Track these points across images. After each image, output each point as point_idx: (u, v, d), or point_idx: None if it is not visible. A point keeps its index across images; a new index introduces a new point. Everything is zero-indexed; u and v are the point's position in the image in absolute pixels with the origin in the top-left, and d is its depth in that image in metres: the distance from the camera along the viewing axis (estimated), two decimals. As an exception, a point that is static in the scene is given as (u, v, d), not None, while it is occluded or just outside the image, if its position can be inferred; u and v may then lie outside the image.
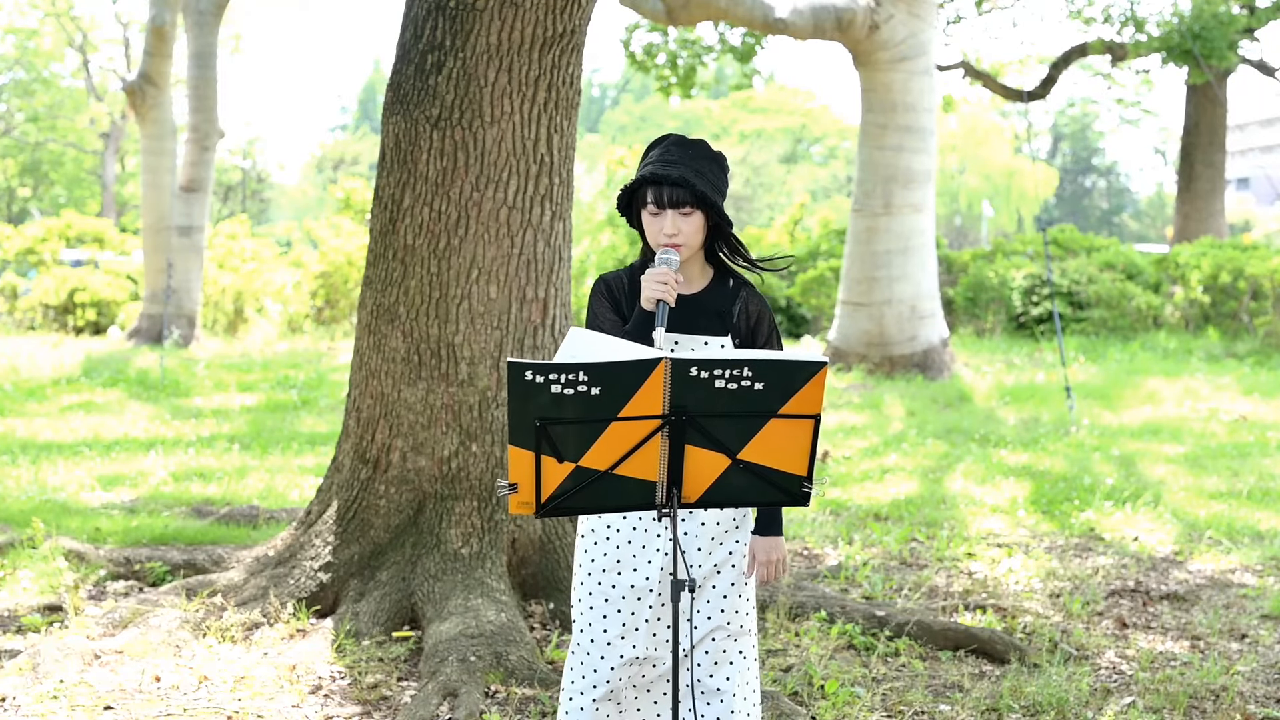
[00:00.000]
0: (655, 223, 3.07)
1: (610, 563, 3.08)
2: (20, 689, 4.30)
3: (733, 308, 3.15)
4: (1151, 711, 4.38)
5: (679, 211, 3.05)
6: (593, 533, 3.13)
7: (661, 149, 3.12)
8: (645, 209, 3.09)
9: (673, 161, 3.06)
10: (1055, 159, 66.30)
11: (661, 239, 3.05)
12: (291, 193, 62.24)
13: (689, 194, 3.04)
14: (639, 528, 3.08)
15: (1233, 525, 7.08)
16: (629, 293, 3.15)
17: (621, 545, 3.08)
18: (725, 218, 3.10)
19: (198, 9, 17.79)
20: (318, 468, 8.37)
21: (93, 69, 40.87)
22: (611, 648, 3.06)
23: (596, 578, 3.10)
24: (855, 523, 7.20)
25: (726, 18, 14.69)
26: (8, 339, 18.14)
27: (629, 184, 3.12)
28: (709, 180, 3.07)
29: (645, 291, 3.00)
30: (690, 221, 3.06)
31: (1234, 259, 17.84)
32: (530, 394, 2.56)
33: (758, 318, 3.16)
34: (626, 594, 3.07)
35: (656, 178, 3.05)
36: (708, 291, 3.16)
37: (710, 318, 3.13)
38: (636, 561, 3.07)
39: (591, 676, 3.07)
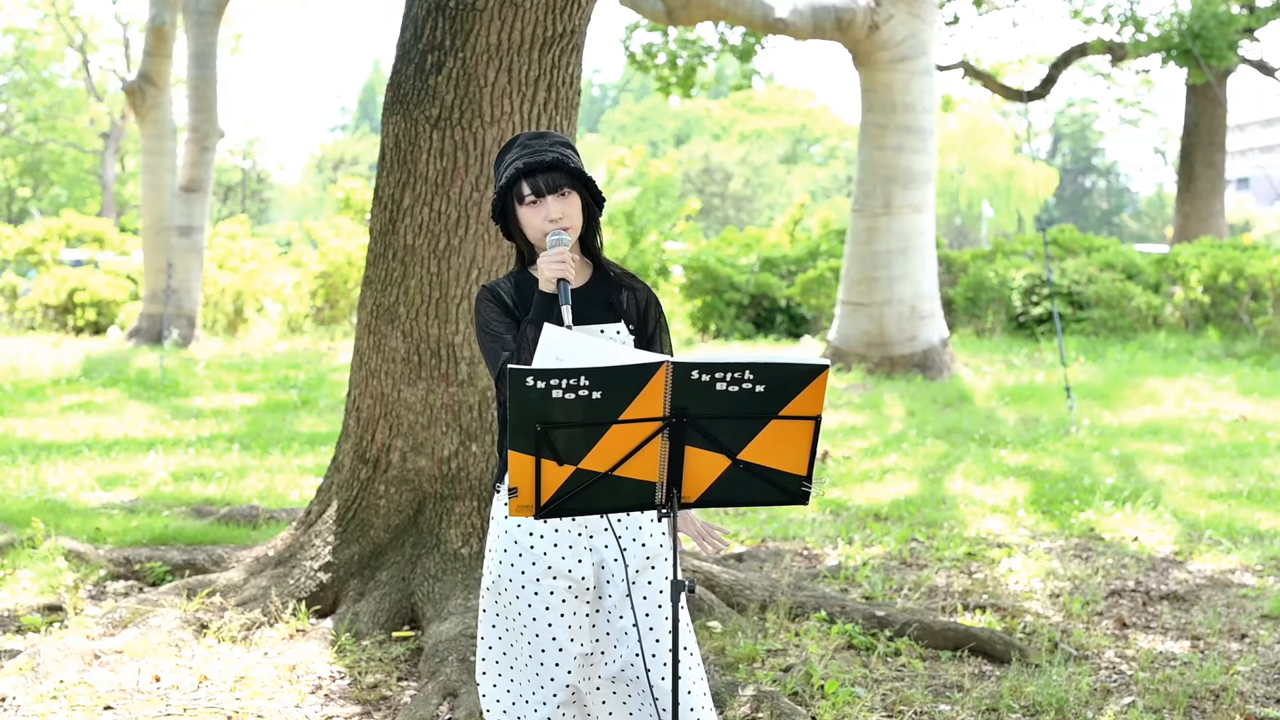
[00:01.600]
0: (537, 212, 3.05)
1: (538, 566, 3.02)
2: (20, 689, 4.30)
3: (620, 295, 3.15)
4: (1151, 711, 4.38)
5: (558, 194, 3.04)
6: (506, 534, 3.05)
7: (520, 144, 3.10)
8: (522, 205, 3.05)
9: (537, 150, 3.06)
10: (1055, 159, 66.31)
11: (547, 226, 3.03)
12: (291, 193, 62.25)
13: (564, 175, 3.04)
14: (560, 528, 3.04)
15: (1233, 525, 7.08)
16: (516, 297, 3.11)
17: (539, 545, 3.03)
18: (598, 197, 3.11)
19: (198, 9, 17.79)
20: (318, 468, 8.38)
21: (93, 69, 40.88)
22: (563, 651, 3.02)
23: (520, 583, 3.03)
24: (855, 523, 7.20)
25: (726, 18, 14.69)
26: (8, 339, 18.14)
27: (500, 185, 3.08)
28: (577, 163, 3.09)
29: (544, 273, 2.97)
30: (571, 203, 3.05)
31: (1234, 259, 17.84)
32: (531, 399, 2.56)
33: (646, 302, 3.17)
34: (565, 595, 3.03)
35: (530, 166, 3.03)
36: (591, 285, 3.15)
37: (601, 307, 3.11)
38: (567, 563, 3.03)
39: (550, 685, 3.02)
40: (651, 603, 3.07)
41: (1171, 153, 55.05)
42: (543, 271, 2.99)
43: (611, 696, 3.11)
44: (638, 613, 3.05)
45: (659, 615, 3.07)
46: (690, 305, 20.50)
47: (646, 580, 3.07)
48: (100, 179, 44.27)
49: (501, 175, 3.09)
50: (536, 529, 3.04)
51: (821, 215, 28.64)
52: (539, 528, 3.04)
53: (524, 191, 3.04)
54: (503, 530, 3.07)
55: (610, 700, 3.11)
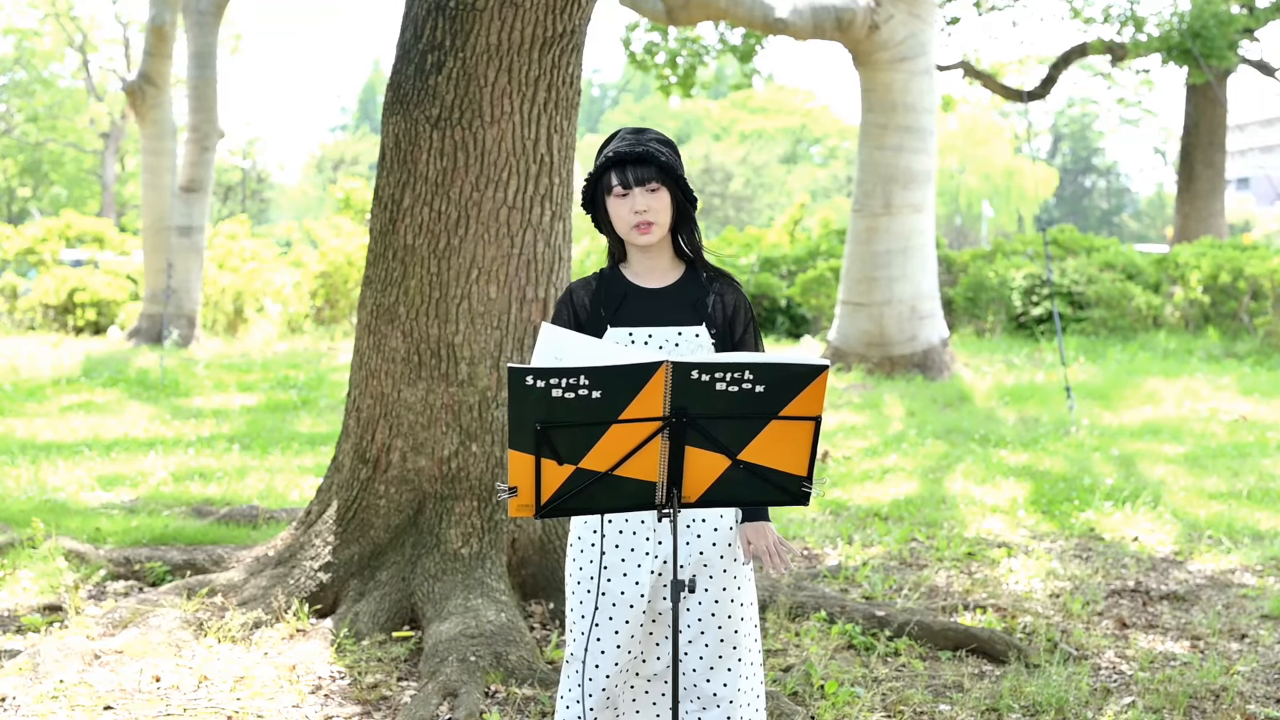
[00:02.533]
0: (624, 204, 3.05)
1: (597, 570, 3.05)
2: (20, 689, 4.30)
3: (707, 298, 3.12)
4: (1151, 711, 4.38)
5: (646, 188, 3.03)
6: (580, 540, 3.10)
7: (618, 138, 3.12)
8: (610, 195, 3.06)
9: (633, 143, 3.07)
10: (1055, 159, 66.31)
11: (633, 219, 3.03)
12: (291, 193, 62.25)
13: (654, 169, 3.03)
14: (626, 531, 3.05)
15: (1233, 525, 7.08)
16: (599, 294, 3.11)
17: (609, 551, 3.05)
18: (690, 194, 3.10)
19: (198, 9, 17.79)
20: (318, 468, 8.37)
21: (93, 69, 40.88)
22: (606, 655, 3.04)
23: (586, 586, 3.07)
24: (855, 523, 7.20)
25: (726, 18, 14.68)
26: (8, 339, 18.14)
27: (591, 173, 3.10)
28: (669, 158, 3.08)
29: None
30: (658, 198, 3.05)
31: (1234, 259, 17.84)
32: (531, 398, 2.56)
33: (734, 307, 3.13)
34: (618, 600, 3.04)
35: (620, 157, 3.04)
36: (680, 284, 3.13)
37: (684, 309, 3.09)
38: (626, 566, 3.04)
39: (588, 685, 3.05)
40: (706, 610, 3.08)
41: (1171, 153, 55.06)
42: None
43: (644, 696, 3.11)
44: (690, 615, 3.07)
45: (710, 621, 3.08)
46: (690, 305, 20.45)
47: (704, 587, 3.08)
48: (100, 179, 44.27)
49: (596, 164, 3.11)
50: (606, 529, 3.06)
51: (821, 215, 28.64)
52: (608, 528, 3.06)
53: (612, 182, 3.05)
54: (576, 536, 3.11)
55: (641, 699, 3.11)
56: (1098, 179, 67.92)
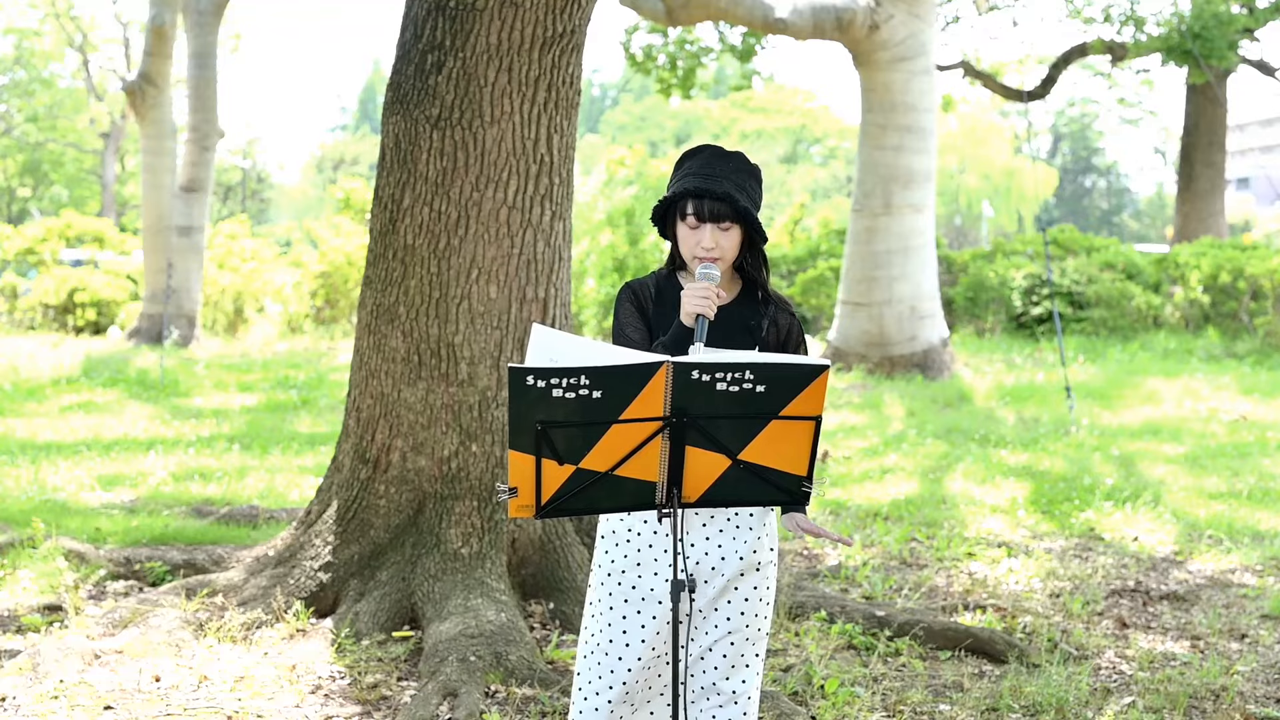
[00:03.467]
0: (693, 236, 3.03)
1: (630, 565, 3.05)
2: (20, 689, 4.30)
3: (762, 320, 3.10)
4: (1151, 711, 4.38)
5: (719, 226, 3.01)
6: (613, 534, 3.09)
7: (702, 160, 3.06)
8: (683, 220, 3.04)
9: (714, 175, 3.02)
10: (1055, 159, 66.30)
11: (699, 252, 3.01)
12: (291, 193, 62.25)
13: (730, 209, 3.00)
14: (660, 530, 3.05)
15: (1233, 525, 7.08)
16: (655, 300, 3.10)
17: (642, 549, 3.05)
18: (762, 233, 3.07)
19: (198, 9, 17.79)
20: (318, 468, 8.37)
21: (93, 69, 40.87)
22: (630, 649, 3.04)
23: (616, 579, 3.06)
24: (855, 523, 7.20)
25: (726, 18, 14.69)
26: (8, 339, 18.14)
27: (668, 194, 3.07)
28: (749, 195, 3.04)
29: (686, 306, 2.95)
30: (729, 236, 3.02)
31: (1234, 259, 17.84)
32: (531, 398, 2.56)
33: (788, 331, 3.12)
34: (647, 595, 3.04)
35: (700, 191, 3.00)
36: (736, 303, 3.12)
37: (739, 331, 3.08)
38: (657, 565, 3.04)
39: (608, 678, 3.05)
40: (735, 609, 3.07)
41: (1171, 153, 55.05)
42: (684, 303, 2.96)
43: (658, 698, 3.12)
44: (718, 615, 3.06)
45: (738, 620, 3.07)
46: (690, 305, 20.47)
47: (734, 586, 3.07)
48: (100, 179, 44.28)
49: (674, 184, 3.07)
50: (635, 525, 3.05)
51: (821, 215, 28.64)
52: (637, 524, 3.05)
53: (687, 211, 3.02)
54: (608, 530, 3.10)
55: (656, 700, 3.12)
56: (1098, 179, 67.92)
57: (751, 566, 3.08)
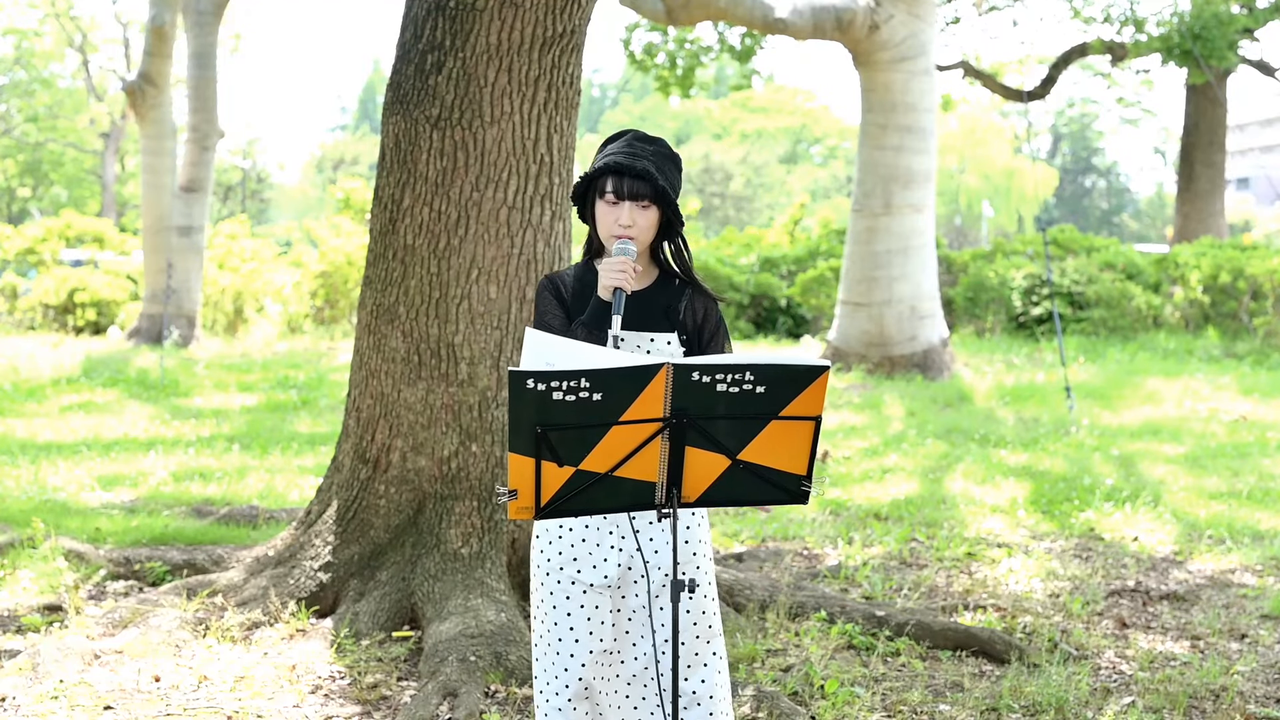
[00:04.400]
0: (611, 213, 3.07)
1: (567, 561, 3.06)
2: (20, 689, 4.30)
3: (679, 304, 3.14)
4: (1151, 711, 4.38)
5: (637, 204, 3.05)
6: (547, 532, 3.10)
7: (624, 141, 3.12)
8: (602, 198, 3.08)
9: (636, 154, 3.07)
10: (1055, 159, 66.30)
11: (617, 230, 3.05)
12: (291, 193, 62.25)
13: (649, 187, 3.04)
14: (591, 525, 3.06)
15: (1233, 525, 7.08)
16: (576, 290, 3.13)
17: (576, 544, 3.06)
18: (679, 217, 3.12)
19: (198, 9, 17.79)
20: (318, 468, 8.37)
21: (93, 69, 40.88)
22: (580, 644, 3.05)
23: (555, 577, 3.07)
24: (855, 523, 7.20)
25: (726, 18, 14.68)
26: (8, 339, 18.14)
27: (589, 172, 3.11)
28: (668, 178, 3.09)
29: (603, 279, 3.00)
30: (646, 215, 3.07)
31: (1234, 259, 17.84)
32: (531, 401, 2.56)
33: (704, 314, 3.16)
34: (588, 590, 3.05)
35: (620, 167, 3.05)
36: (654, 288, 3.16)
37: (657, 315, 3.12)
38: (594, 559, 3.06)
39: (564, 676, 3.06)
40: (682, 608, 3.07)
41: (1171, 153, 55.05)
42: (602, 278, 3.01)
43: (625, 701, 3.11)
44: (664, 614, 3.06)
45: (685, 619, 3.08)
46: (690, 305, 20.47)
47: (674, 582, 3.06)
48: (100, 179, 44.28)
49: (596, 162, 3.11)
50: (569, 523, 3.06)
51: (821, 215, 28.65)
52: (570, 521, 3.06)
53: (606, 188, 3.07)
54: (543, 528, 3.11)
55: (624, 704, 3.12)
56: (1098, 179, 67.92)
57: (692, 565, 3.09)
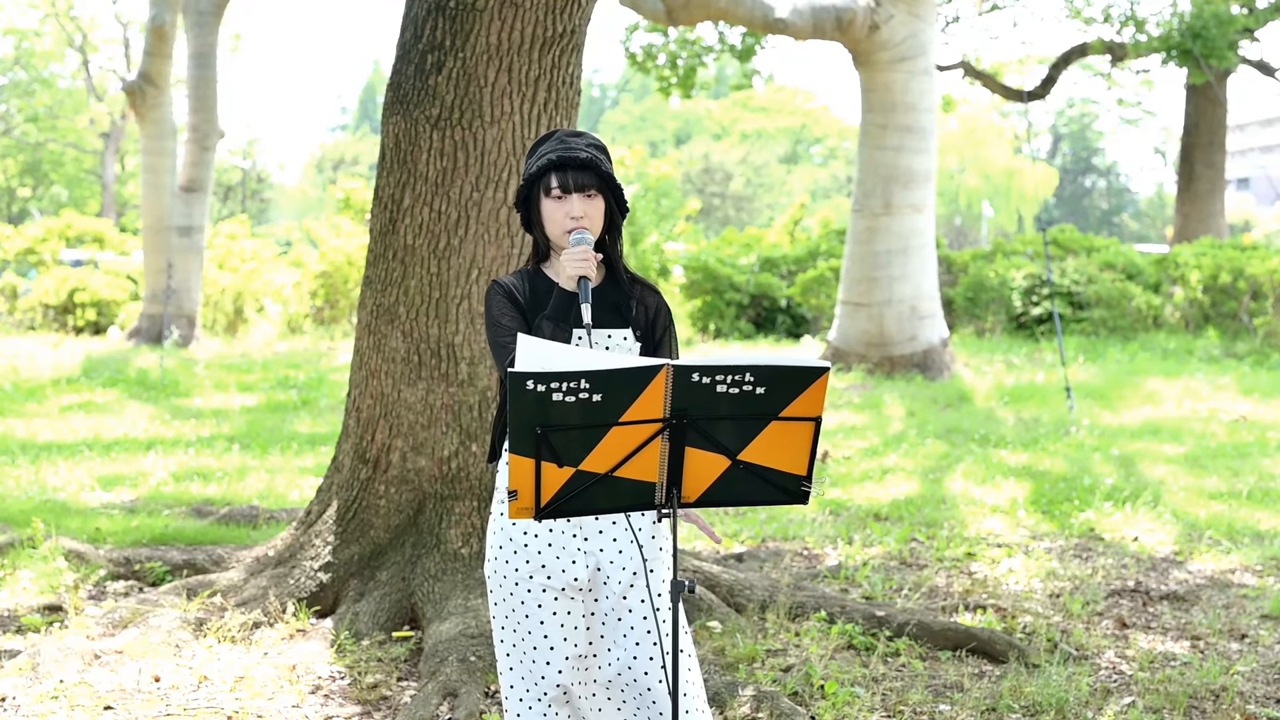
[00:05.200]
0: (560, 208, 3.06)
1: (534, 566, 3.03)
2: (20, 689, 4.30)
3: (630, 301, 3.14)
4: (1151, 711, 4.38)
5: (584, 194, 3.05)
6: (501, 532, 3.06)
7: (556, 139, 3.12)
8: (548, 196, 3.07)
9: (572, 147, 3.07)
10: (1055, 159, 66.30)
11: (568, 223, 3.05)
12: (291, 193, 62.24)
13: (594, 176, 3.05)
14: (555, 528, 3.05)
15: (1233, 525, 7.08)
16: (528, 293, 3.11)
17: (542, 548, 3.04)
18: (623, 203, 3.12)
19: (198, 9, 17.79)
20: (318, 468, 8.37)
21: (93, 69, 40.88)
22: (555, 650, 3.03)
23: (520, 582, 3.04)
24: (855, 523, 7.20)
25: (726, 18, 14.69)
26: (8, 339, 18.14)
27: (529, 173, 3.10)
28: (608, 168, 3.10)
29: (566, 270, 2.99)
30: (595, 205, 3.07)
31: (1234, 259, 17.84)
32: (531, 403, 2.56)
33: (655, 309, 3.16)
34: (559, 595, 3.03)
35: (563, 161, 3.05)
36: (603, 287, 3.15)
37: (609, 312, 3.11)
38: (561, 563, 3.04)
39: (541, 683, 3.03)
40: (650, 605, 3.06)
41: (1171, 153, 55.05)
42: (564, 268, 3.00)
43: (606, 702, 3.10)
44: (634, 615, 3.05)
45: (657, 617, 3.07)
46: (690, 305, 20.51)
47: (644, 583, 3.06)
48: (100, 179, 44.28)
49: (532, 165, 3.10)
50: (531, 528, 3.05)
51: (821, 215, 28.65)
52: (533, 526, 3.05)
53: (551, 184, 3.06)
54: (498, 528, 3.08)
55: (605, 706, 3.10)
56: (1098, 179, 67.92)
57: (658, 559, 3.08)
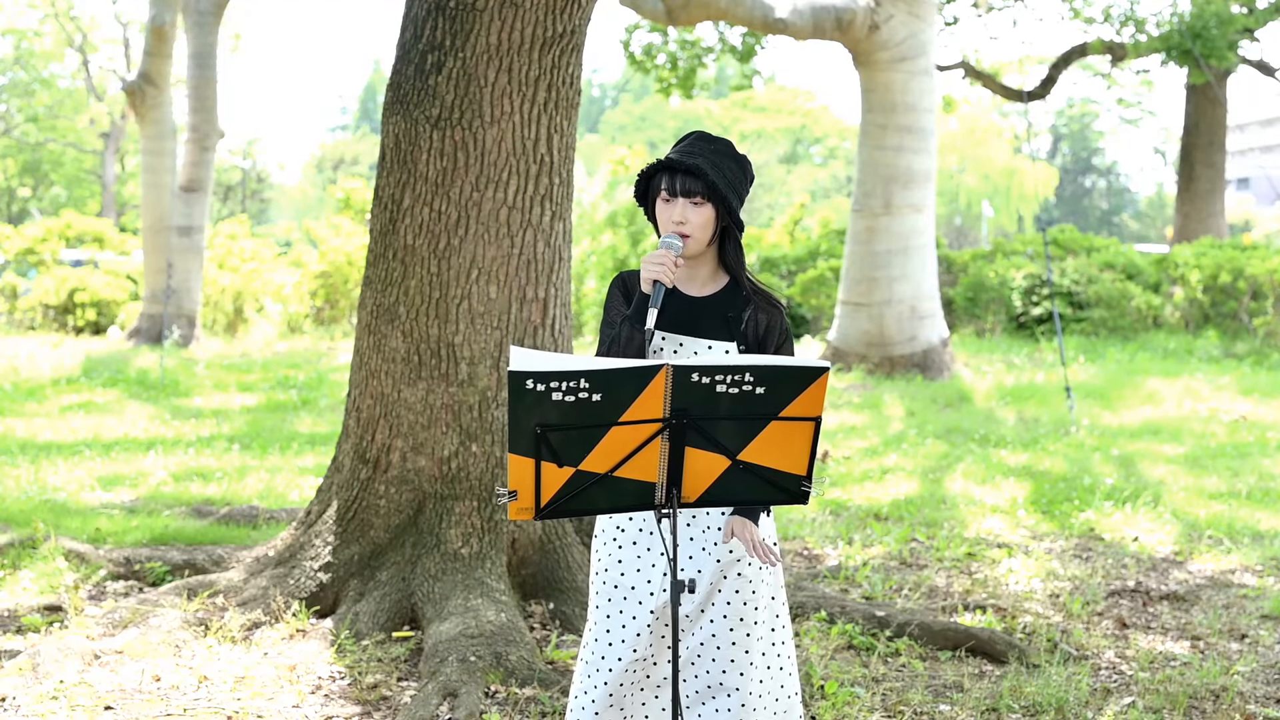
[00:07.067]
0: (666, 210, 3.07)
1: (613, 563, 3.09)
2: (20, 689, 4.30)
3: (743, 314, 3.11)
4: (1151, 711, 4.38)
5: (690, 200, 3.04)
6: (604, 533, 3.14)
7: (686, 142, 3.13)
8: (659, 197, 3.09)
9: (692, 152, 3.07)
10: (1055, 159, 66.29)
11: (670, 226, 3.05)
12: (291, 193, 62.25)
13: (702, 184, 3.03)
14: (645, 529, 3.07)
15: (1233, 525, 7.08)
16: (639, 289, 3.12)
17: (625, 546, 3.08)
18: (737, 218, 3.09)
19: (198, 9, 17.79)
20: (318, 468, 8.37)
21: (93, 69, 40.88)
22: (612, 649, 3.06)
23: (602, 578, 3.10)
24: (855, 523, 7.20)
25: (726, 18, 14.69)
26: (8, 339, 18.14)
27: (646, 168, 3.12)
28: (725, 176, 3.06)
29: (643, 273, 3.00)
30: (700, 213, 3.05)
31: (1234, 259, 17.84)
32: (531, 402, 2.56)
33: (767, 327, 3.11)
34: (629, 595, 3.06)
35: (672, 164, 3.06)
36: (719, 296, 3.13)
37: (717, 322, 3.09)
38: (641, 563, 3.06)
39: (595, 677, 3.07)
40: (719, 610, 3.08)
41: (1171, 153, 55.04)
42: (642, 271, 3.01)
43: (654, 700, 3.12)
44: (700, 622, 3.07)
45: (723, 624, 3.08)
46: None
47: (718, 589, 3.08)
48: (100, 179, 44.28)
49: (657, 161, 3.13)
50: (629, 529, 3.08)
51: (821, 215, 28.64)
52: (630, 529, 3.08)
53: (661, 186, 3.08)
54: (601, 526, 3.14)
55: (651, 703, 3.12)
56: (1098, 179, 67.92)
57: (731, 567, 3.08)
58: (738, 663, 3.09)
